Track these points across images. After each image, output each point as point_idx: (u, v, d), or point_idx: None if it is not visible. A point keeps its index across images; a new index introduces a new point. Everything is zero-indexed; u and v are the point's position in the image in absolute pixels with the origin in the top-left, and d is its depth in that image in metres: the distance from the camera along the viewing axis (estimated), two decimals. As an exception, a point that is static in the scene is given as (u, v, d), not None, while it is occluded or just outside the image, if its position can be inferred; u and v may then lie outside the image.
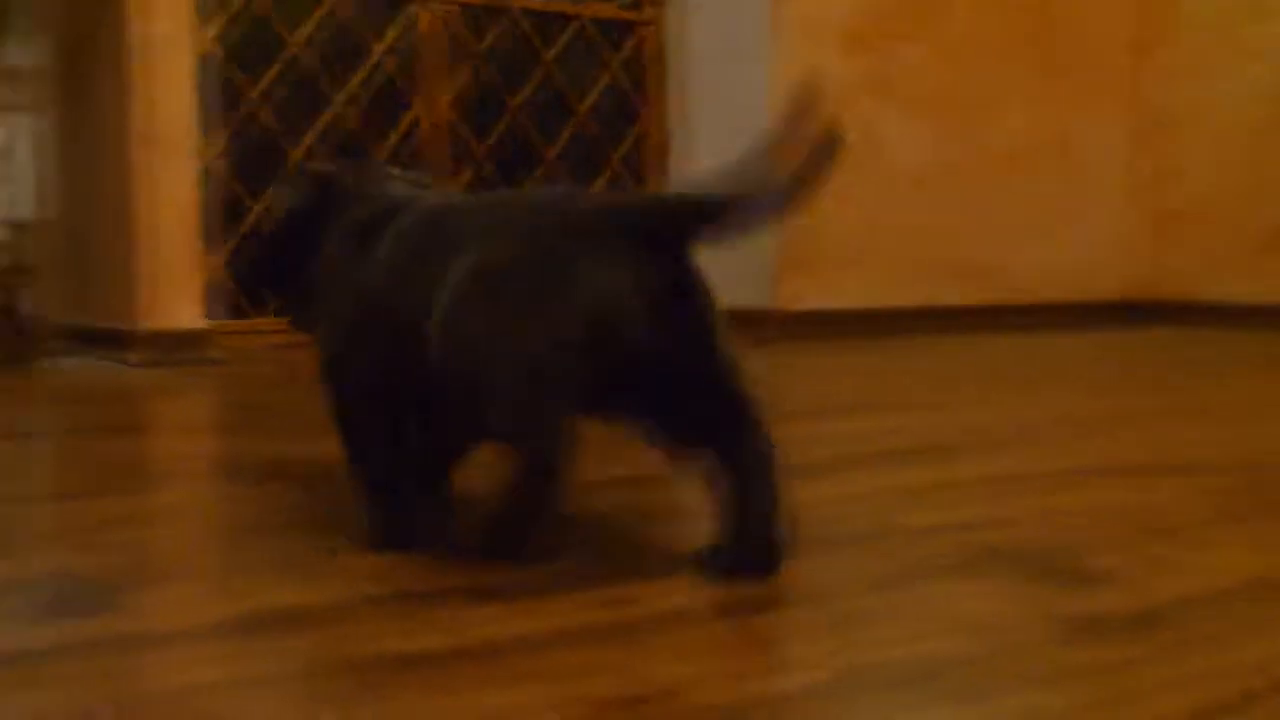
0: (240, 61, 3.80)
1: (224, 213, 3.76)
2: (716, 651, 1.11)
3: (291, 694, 1.01)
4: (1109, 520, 1.65)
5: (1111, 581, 1.35)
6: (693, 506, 1.74)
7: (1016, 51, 4.86)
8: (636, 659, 1.09)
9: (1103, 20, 5.12)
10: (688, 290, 1.30)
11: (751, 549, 1.32)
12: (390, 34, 4.02)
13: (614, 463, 2.03)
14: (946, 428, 2.43)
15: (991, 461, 2.07)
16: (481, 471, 1.52)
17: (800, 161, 1.29)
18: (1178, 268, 5.22)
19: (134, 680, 1.04)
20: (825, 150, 1.28)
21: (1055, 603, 1.27)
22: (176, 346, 3.45)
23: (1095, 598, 1.29)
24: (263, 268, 1.60)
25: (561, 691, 1.01)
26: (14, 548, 1.46)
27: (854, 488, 1.84)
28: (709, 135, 4.45)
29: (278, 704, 0.99)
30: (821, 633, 1.17)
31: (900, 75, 4.54)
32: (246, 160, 3.80)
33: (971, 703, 1.01)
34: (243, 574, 1.34)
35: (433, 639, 1.14)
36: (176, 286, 3.46)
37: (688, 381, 1.30)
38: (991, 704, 1.00)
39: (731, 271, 4.53)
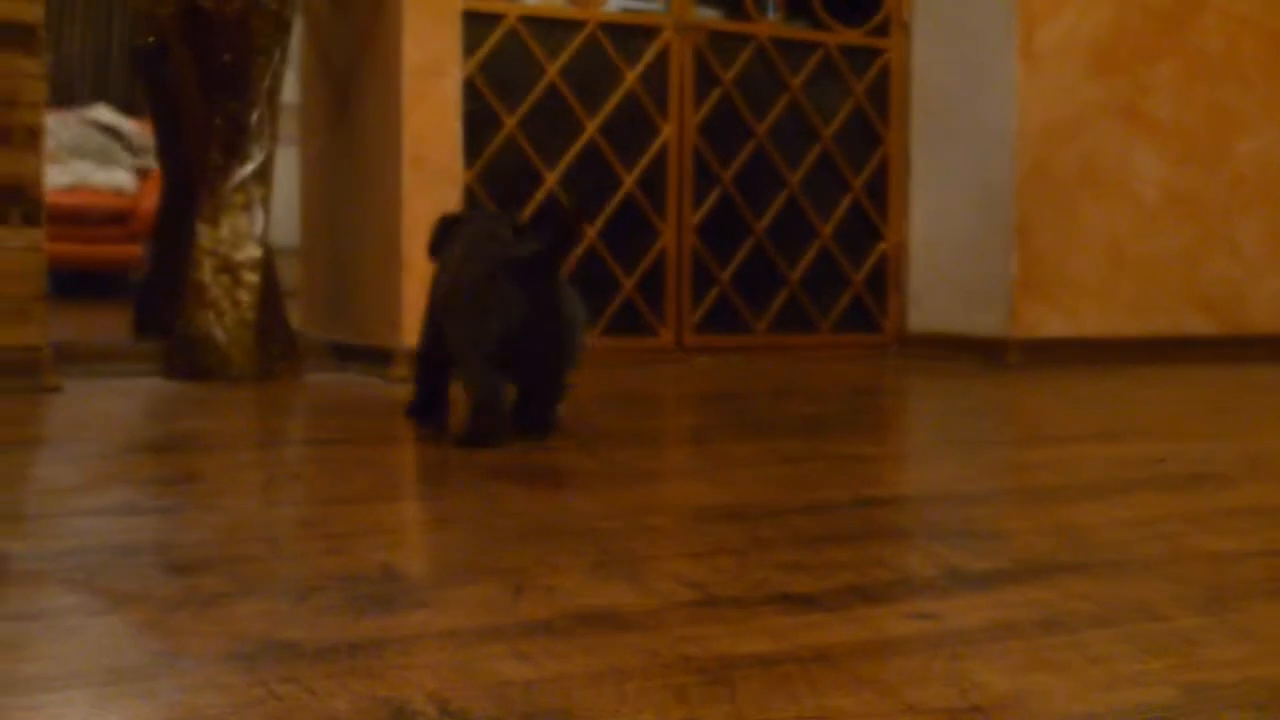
0: (499, 87, 3.89)
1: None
2: (1048, 666, 1.09)
3: (634, 691, 1.02)
4: None
5: None
6: (950, 526, 1.72)
7: (1269, 74, 4.69)
8: (965, 670, 1.08)
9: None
10: (550, 308, 2.23)
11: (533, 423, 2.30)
12: (643, 60, 4.07)
13: (864, 483, 2.01)
14: (1216, 455, 2.35)
15: (1273, 490, 1.99)
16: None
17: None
18: None
19: (474, 671, 1.07)
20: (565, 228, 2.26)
21: (1389, 631, 1.22)
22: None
23: None
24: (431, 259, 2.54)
25: (900, 700, 1.01)
26: (314, 547, 1.51)
27: (1141, 511, 1.79)
28: (952, 159, 4.40)
29: (622, 700, 1.01)
30: (1154, 651, 1.14)
31: (1148, 99, 4.42)
32: (501, 183, 3.89)
33: (1329, 726, 0.97)
34: (552, 575, 1.37)
35: (758, 642, 1.15)
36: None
37: (536, 359, 2.25)
38: (1351, 729, 0.96)
39: (971, 299, 4.48)
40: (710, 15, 4.31)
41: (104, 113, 8.10)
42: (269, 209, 3.44)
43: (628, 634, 1.16)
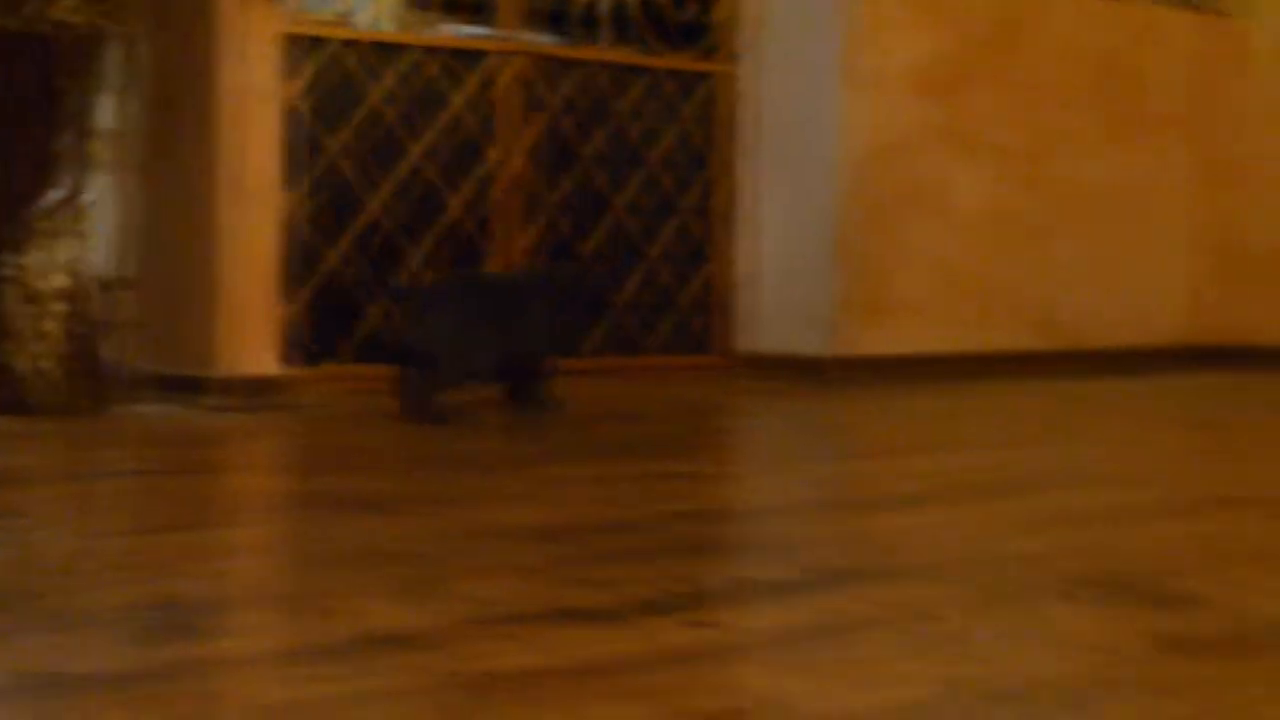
0: (322, 112, 3.86)
1: (301, 262, 3.81)
2: (815, 669, 1.11)
3: (399, 709, 1.02)
4: (1195, 547, 1.64)
5: (1202, 603, 1.34)
6: (754, 539, 1.75)
7: (1083, 99, 4.85)
8: (734, 675, 1.10)
9: (1168, 68, 5.10)
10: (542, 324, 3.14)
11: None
12: (470, 85, 4.07)
13: (677, 500, 2.03)
14: (1026, 464, 2.42)
15: (1077, 495, 2.06)
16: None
17: None
18: (1238, 311, 5.17)
19: (237, 697, 1.06)
20: None
21: (1151, 623, 1.26)
22: (253, 392, 3.49)
23: (1189, 619, 1.28)
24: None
25: (664, 707, 1.02)
26: (112, 577, 1.48)
27: (946, 518, 1.83)
28: (780, 183, 4.47)
29: (381, 716, 1.00)
30: (922, 651, 1.16)
31: (969, 122, 4.54)
32: (324, 211, 3.86)
33: (1079, 713, 1.00)
34: (341, 599, 1.36)
35: (535, 657, 1.15)
36: (254, 334, 3.50)
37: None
38: (1098, 713, 1.00)
39: (798, 319, 4.55)
40: (539, 40, 4.32)
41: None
42: (86, 237, 3.35)
43: (407, 654, 1.16)
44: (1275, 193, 5.11)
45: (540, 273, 3.58)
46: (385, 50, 4.03)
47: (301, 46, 3.88)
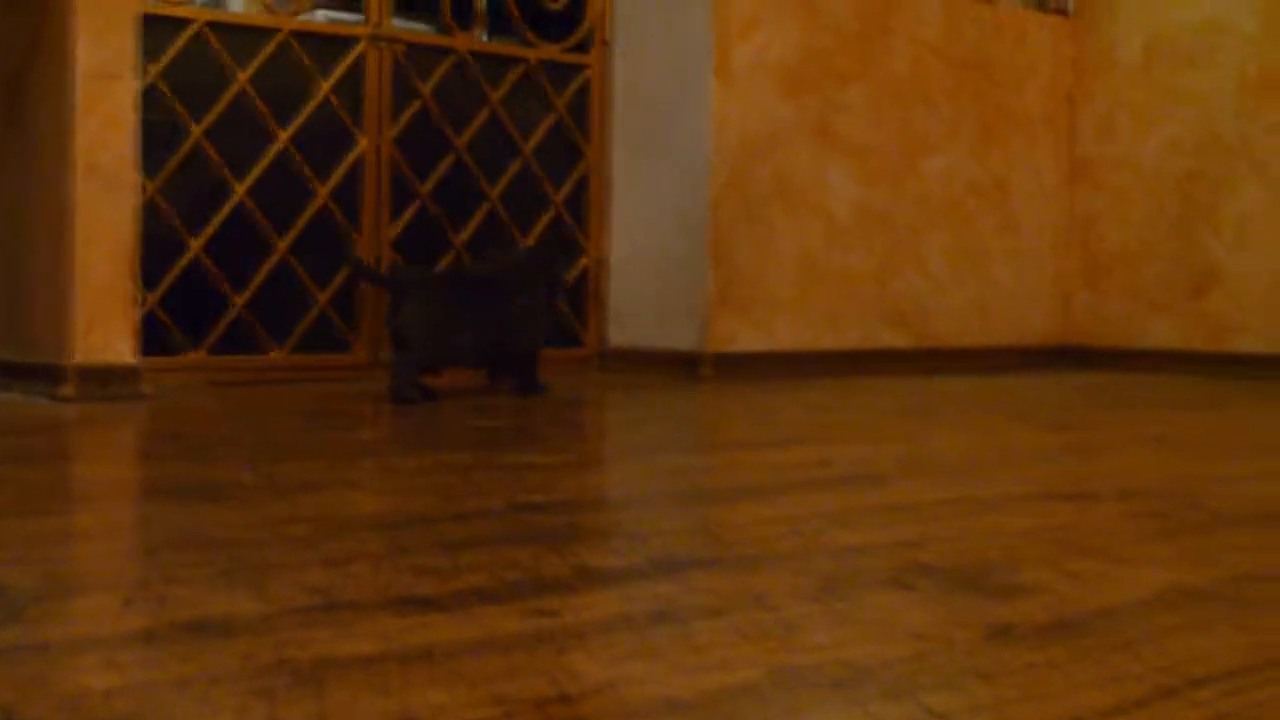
0: (184, 95, 3.79)
1: (161, 249, 3.74)
2: (647, 655, 1.12)
3: (220, 694, 1.01)
4: (1036, 539, 1.68)
5: (1036, 593, 1.37)
6: (602, 529, 1.76)
7: (953, 98, 4.94)
8: (566, 661, 1.10)
9: (1037, 70, 5.21)
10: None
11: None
12: (338, 71, 4.02)
13: (530, 491, 2.03)
14: (880, 459, 2.46)
15: (923, 488, 2.09)
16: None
17: None
18: (1103, 312, 5.30)
19: (54, 682, 1.04)
20: None
21: (980, 611, 1.29)
22: (109, 381, 3.42)
23: (1019, 607, 1.31)
24: None
25: (490, 692, 1.02)
26: (-58, 561, 1.44)
27: (789, 510, 1.85)
28: (652, 176, 4.48)
29: (204, 703, 0.99)
30: (754, 638, 1.18)
31: (839, 118, 4.60)
32: (186, 194, 3.79)
33: (896, 699, 1.02)
34: (171, 586, 1.34)
35: (364, 644, 1.14)
36: (110, 322, 3.44)
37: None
38: (917, 701, 1.02)
39: (669, 313, 4.57)
40: (409, 28, 4.29)
41: None
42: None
43: (232, 640, 1.15)
44: (1135, 193, 5.24)
45: (516, 260, 3.71)
46: (252, 33, 3.98)
47: (163, 28, 3.81)
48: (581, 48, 4.58)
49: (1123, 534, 1.74)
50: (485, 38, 4.42)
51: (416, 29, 4.31)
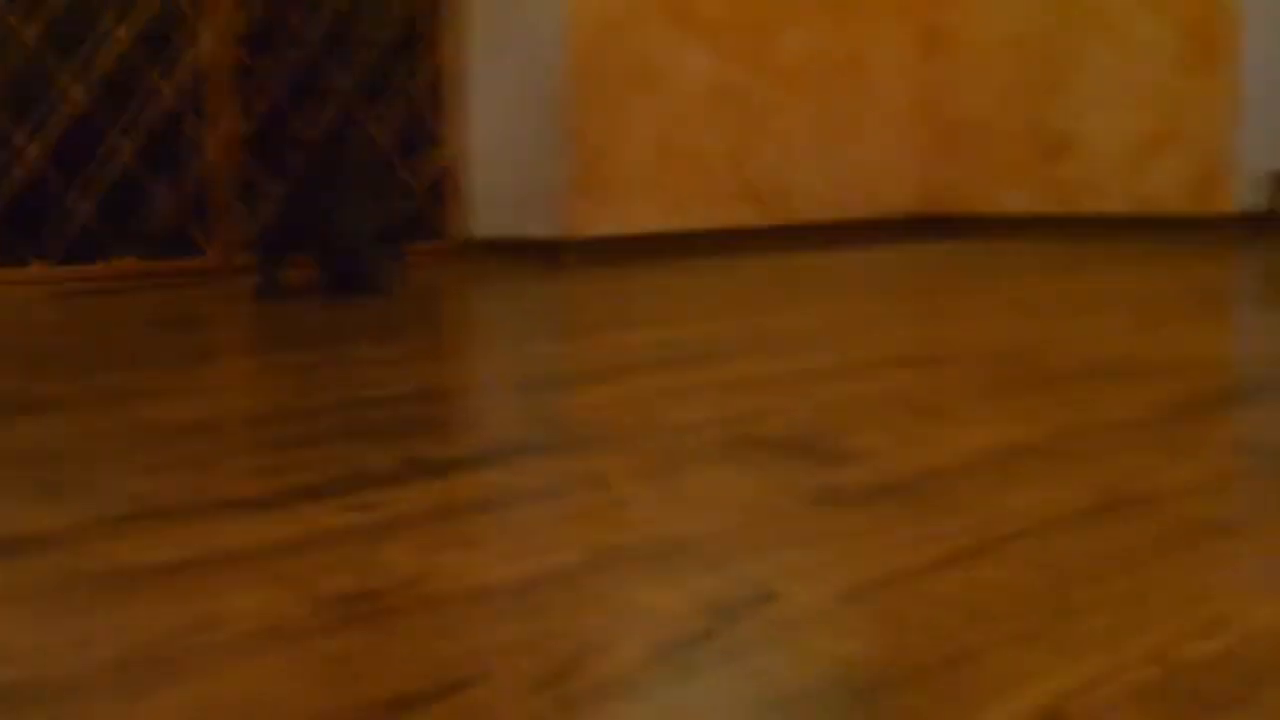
0: (1, -2, 3.63)
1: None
2: (463, 544, 1.10)
3: (22, 610, 0.97)
4: (873, 405, 1.68)
5: (867, 457, 1.37)
6: (435, 420, 1.73)
7: (801, -27, 4.91)
8: (378, 555, 1.08)
9: (884, -59, 5.19)
10: None
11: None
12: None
13: (369, 386, 2.00)
14: (724, 336, 2.46)
15: (766, 362, 2.09)
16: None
17: None
18: (962, 181, 5.35)
19: None
20: None
21: (809, 478, 1.29)
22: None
23: (848, 472, 1.31)
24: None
25: (300, 590, 0.99)
26: None
27: (627, 391, 1.84)
28: (507, 62, 4.40)
29: (4, 623, 0.95)
30: (573, 520, 1.16)
31: (687, -2, 4.55)
32: (18, 100, 3.65)
33: (714, 571, 1.01)
34: (-16, 502, 1.29)
35: (175, 551, 1.11)
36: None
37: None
38: (734, 570, 1.01)
39: (529, 202, 4.52)
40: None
41: None
42: None
43: (38, 555, 1.11)
44: (988, 62, 5.26)
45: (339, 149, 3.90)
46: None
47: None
48: (423, -68, 4.46)
49: (958, 395, 1.75)
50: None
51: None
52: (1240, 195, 4.74)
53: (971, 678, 0.78)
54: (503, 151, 4.43)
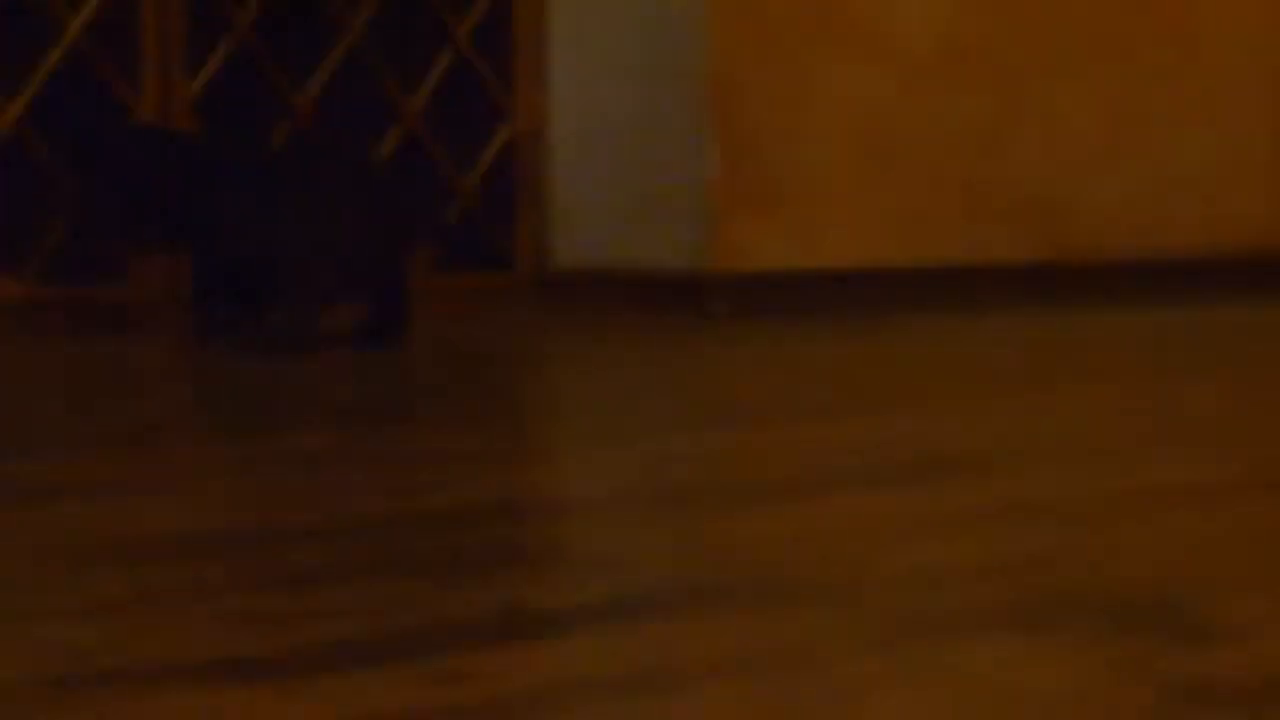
0: None
1: None
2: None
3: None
4: (1237, 550, 1.66)
5: (1241, 634, 1.35)
6: (544, 548, 1.74)
7: None
8: None
9: None
10: None
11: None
12: None
13: (434, 490, 2.03)
14: (973, 435, 2.47)
15: (1036, 479, 2.09)
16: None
17: None
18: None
19: None
20: None
21: (1150, 664, 1.27)
22: None
23: (1216, 656, 1.29)
24: None
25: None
26: None
27: (838, 515, 1.84)
28: (604, 9, 4.46)
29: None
30: (804, 713, 1.15)
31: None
32: None
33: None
34: None
35: (146, 733, 1.11)
36: None
37: None
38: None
39: (647, 214, 4.53)
40: None
41: None
42: None
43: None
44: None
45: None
46: None
47: None
48: None
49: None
50: None
51: None
52: None
53: None
54: (605, 134, 4.46)
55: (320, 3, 4.24)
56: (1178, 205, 5.11)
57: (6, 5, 3.88)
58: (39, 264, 3.93)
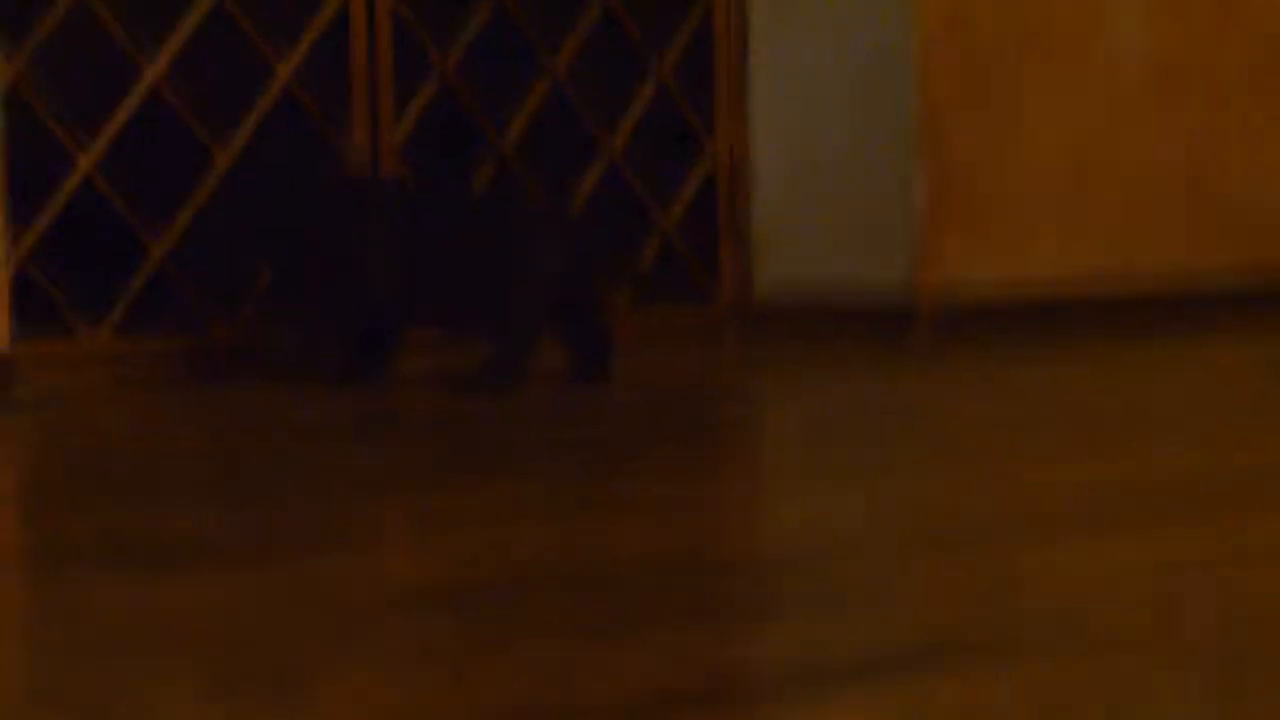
0: None
1: (36, 172, 3.76)
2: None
3: None
4: None
5: None
6: (799, 596, 1.69)
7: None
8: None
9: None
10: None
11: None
12: None
13: (668, 538, 1.98)
14: (1231, 468, 2.42)
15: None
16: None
17: None
18: None
19: None
20: None
21: None
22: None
23: None
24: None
25: None
26: None
27: (1133, 552, 1.78)
28: (813, 24, 4.45)
29: None
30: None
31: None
32: (68, 91, 3.80)
33: None
34: (117, 696, 1.27)
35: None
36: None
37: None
38: None
39: (854, 239, 4.50)
40: None
41: None
42: None
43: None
44: None
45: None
46: None
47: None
48: None
49: None
50: None
51: None
52: None
53: None
54: (808, 160, 4.47)
55: (522, 43, 4.25)
56: None
57: (218, 49, 3.90)
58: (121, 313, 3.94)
